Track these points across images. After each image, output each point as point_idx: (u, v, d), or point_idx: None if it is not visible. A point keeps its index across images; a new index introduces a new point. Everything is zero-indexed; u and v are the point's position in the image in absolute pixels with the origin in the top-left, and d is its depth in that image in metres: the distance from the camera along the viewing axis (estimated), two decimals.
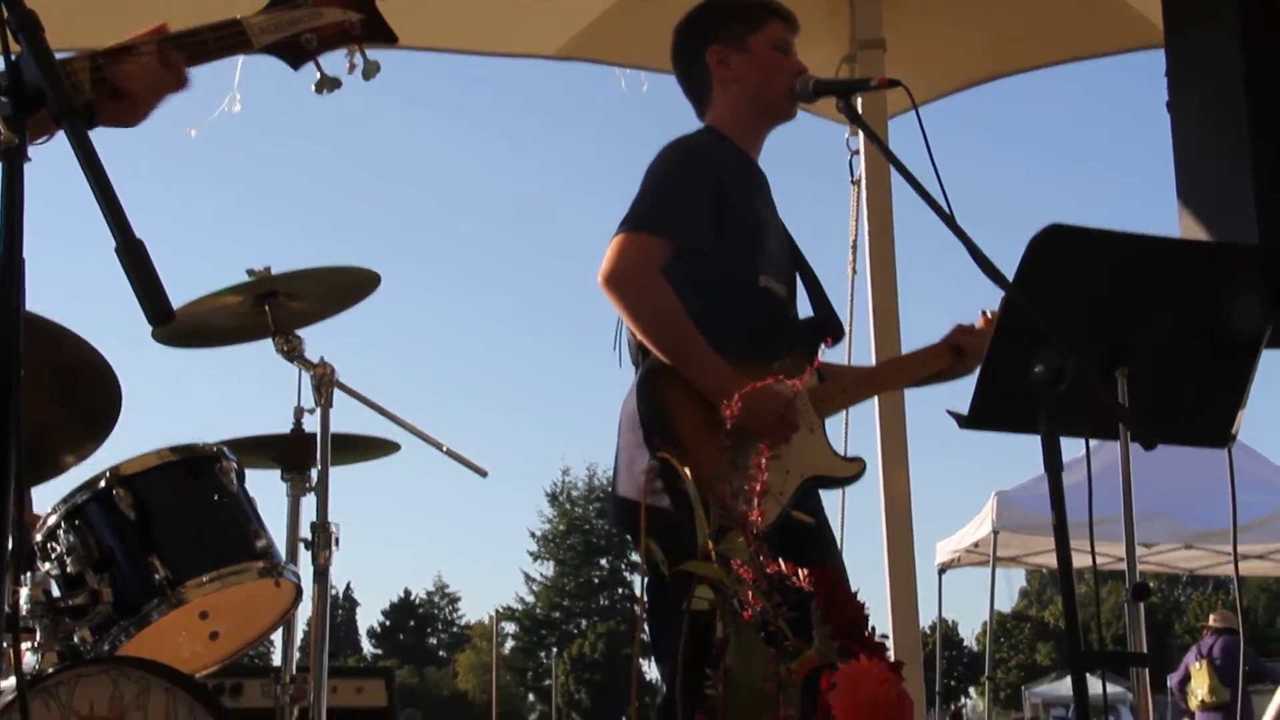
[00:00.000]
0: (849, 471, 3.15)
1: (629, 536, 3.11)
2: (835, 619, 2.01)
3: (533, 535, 55.44)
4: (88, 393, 2.85)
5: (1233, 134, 3.38)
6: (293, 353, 3.23)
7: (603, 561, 55.48)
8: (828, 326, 3.21)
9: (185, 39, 1.82)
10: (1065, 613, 2.33)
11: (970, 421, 2.77)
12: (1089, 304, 2.77)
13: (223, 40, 1.83)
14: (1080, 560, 2.53)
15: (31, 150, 1.60)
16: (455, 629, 61.88)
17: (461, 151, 75.08)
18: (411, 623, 61.31)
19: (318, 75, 1.92)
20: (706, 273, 3.03)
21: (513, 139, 77.08)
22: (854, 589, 2.15)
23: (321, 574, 3.24)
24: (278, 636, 3.45)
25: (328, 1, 1.88)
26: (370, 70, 1.95)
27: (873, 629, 1.98)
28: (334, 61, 1.96)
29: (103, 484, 2.97)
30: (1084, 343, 2.60)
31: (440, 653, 60.79)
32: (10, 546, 1.49)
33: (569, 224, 75.99)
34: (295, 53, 1.87)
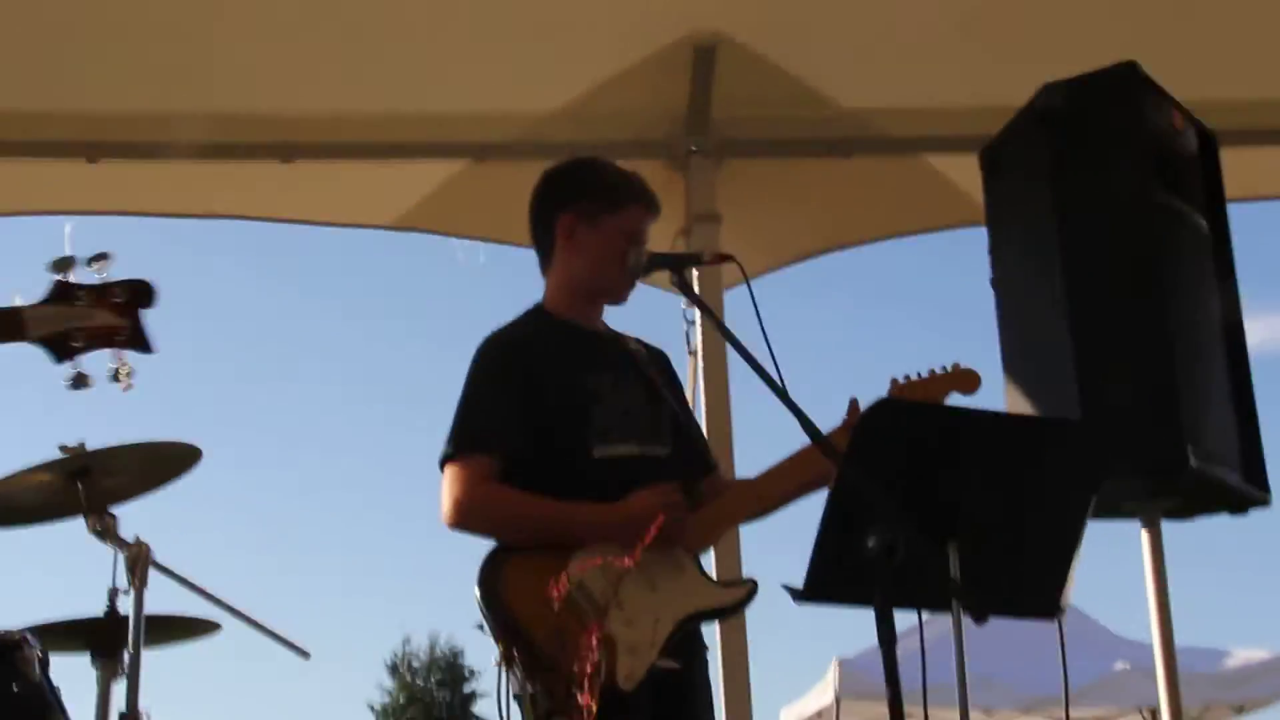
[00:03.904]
0: (731, 599, 3.05)
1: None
2: None
3: (371, 709, 54.01)
4: None
5: (1053, 310, 3.49)
6: (106, 532, 3.10)
7: None
8: (691, 466, 3.20)
9: None
10: None
11: (805, 595, 2.75)
12: (920, 476, 2.78)
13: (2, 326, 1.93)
14: None
15: None
16: None
17: (290, 321, 74.39)
18: None
19: (74, 372, 1.99)
20: (539, 465, 3.01)
21: (344, 308, 76.79)
22: None
23: None
24: None
25: (99, 305, 1.96)
26: (124, 376, 2.02)
27: None
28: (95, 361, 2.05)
29: None
30: (915, 515, 2.60)
31: None
32: None
33: (402, 392, 75.49)
34: (62, 348, 1.96)
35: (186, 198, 5.14)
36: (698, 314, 4.76)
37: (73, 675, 3.15)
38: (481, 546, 2.93)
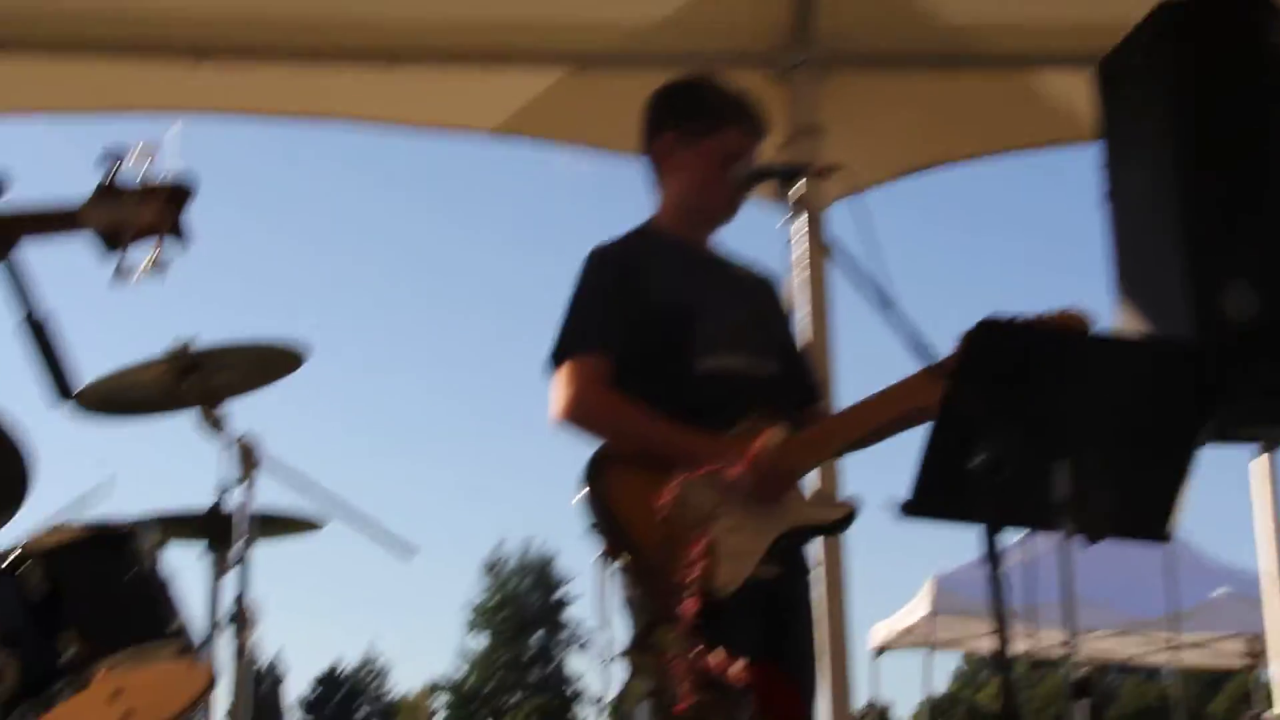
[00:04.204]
0: (832, 517, 3.04)
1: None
2: (772, 718, 1.96)
3: (467, 608, 54.95)
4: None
5: (1168, 227, 3.41)
6: (216, 427, 3.16)
7: (535, 638, 55.00)
8: (796, 390, 3.19)
9: (24, 218, 1.98)
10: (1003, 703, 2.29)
11: (910, 510, 2.74)
12: (1029, 396, 2.75)
13: (59, 220, 2.03)
14: (1020, 648, 2.51)
15: None
16: (384, 702, 60.95)
17: (394, 225, 75.12)
18: (339, 695, 60.35)
19: (120, 263, 2.09)
20: (643, 374, 3.01)
21: (447, 214, 77.27)
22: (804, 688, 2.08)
23: (242, 653, 3.15)
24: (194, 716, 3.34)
25: (146, 200, 2.07)
26: (161, 267, 2.12)
27: None
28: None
29: (12, 560, 2.87)
30: (1023, 434, 2.57)
31: None
32: None
33: (502, 298, 76.08)
34: (114, 239, 2.07)
35: (291, 99, 5.16)
36: (796, 228, 4.72)
37: (185, 567, 3.23)
38: (579, 454, 2.94)
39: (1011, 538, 2.85)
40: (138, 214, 2.05)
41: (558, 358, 3.03)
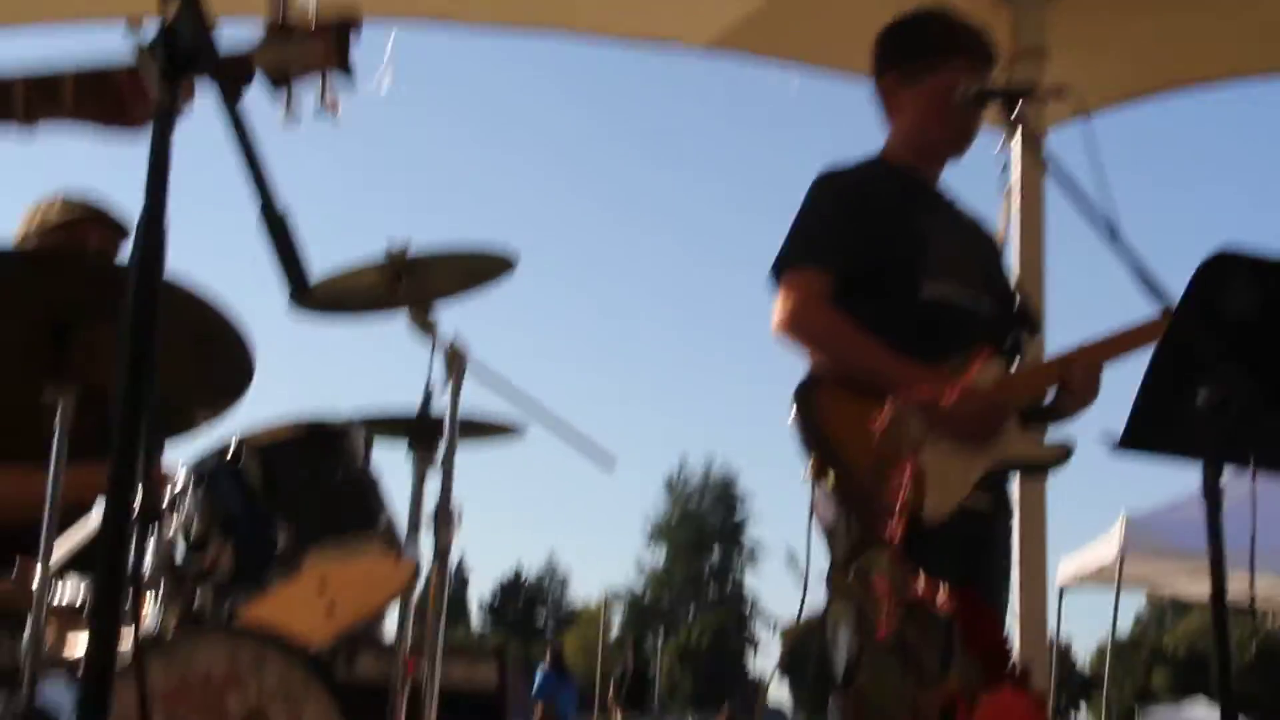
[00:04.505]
0: (1047, 456, 3.00)
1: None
2: (975, 647, 1.93)
3: (646, 522, 55.68)
4: (222, 358, 2.85)
5: None
6: (426, 330, 3.21)
7: (713, 555, 55.45)
8: (1019, 320, 3.17)
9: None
10: (1218, 654, 2.22)
11: (1125, 443, 2.65)
12: (1258, 332, 2.63)
13: (235, 65, 1.98)
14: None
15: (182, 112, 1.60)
16: (563, 610, 62.29)
17: (596, 144, 75.52)
18: (521, 601, 61.84)
19: (288, 102, 2.05)
20: (868, 295, 3.00)
21: (652, 131, 77.35)
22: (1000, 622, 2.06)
23: (443, 555, 3.21)
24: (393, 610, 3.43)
25: (314, 35, 2.02)
26: (333, 105, 2.07)
27: (1014, 664, 1.90)
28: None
29: (232, 451, 2.97)
30: (1250, 371, 2.47)
31: (546, 634, 61.27)
32: (139, 502, 1.49)
33: (699, 221, 76.06)
34: (280, 75, 2.03)
35: (506, 7, 5.17)
36: (1014, 152, 4.59)
37: (391, 465, 3.30)
38: (771, 373, 2.92)
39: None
40: (304, 51, 2.02)
41: (780, 268, 3.04)
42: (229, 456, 2.97)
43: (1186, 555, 9.21)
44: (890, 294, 3.02)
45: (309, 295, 3.04)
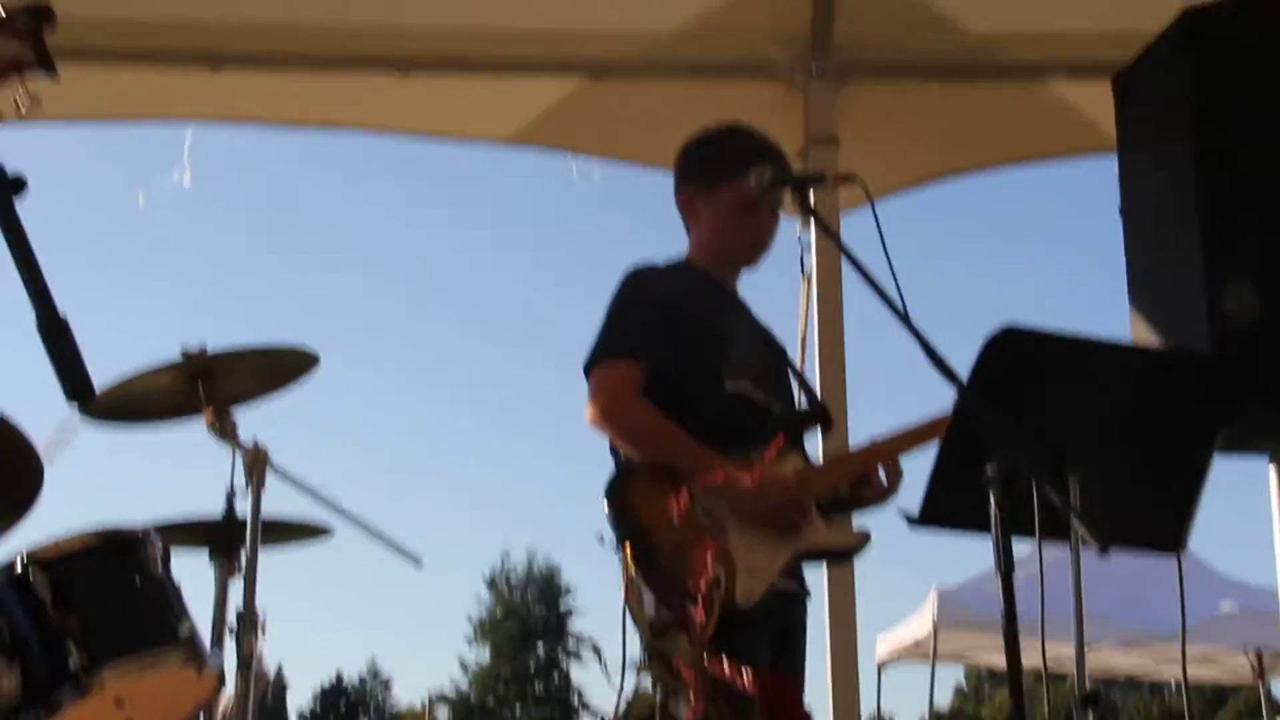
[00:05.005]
0: (848, 544, 3.12)
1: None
2: None
3: (469, 620, 54.96)
4: (6, 471, 2.74)
5: (1184, 241, 3.38)
6: (225, 434, 3.15)
7: (539, 649, 54.97)
8: (811, 416, 3.32)
9: None
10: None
11: (921, 519, 2.73)
12: (1041, 405, 2.74)
13: None
14: (1026, 661, 2.49)
15: None
16: (387, 714, 60.90)
17: (403, 233, 75.37)
18: (343, 707, 60.30)
19: None
20: (674, 388, 3.08)
21: (455, 223, 77.59)
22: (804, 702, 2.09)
23: (246, 662, 3.13)
24: None
25: (4, 34, 1.90)
26: (29, 105, 1.97)
27: None
28: None
29: (18, 566, 2.84)
30: (1035, 444, 2.56)
31: None
32: None
33: (510, 305, 76.24)
34: None
35: (306, 108, 5.15)
36: (812, 237, 4.71)
37: (191, 573, 3.21)
38: (581, 467, 2.95)
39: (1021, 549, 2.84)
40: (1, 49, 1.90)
41: (593, 361, 3.11)
42: (15, 573, 2.85)
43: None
44: (695, 388, 3.12)
45: (92, 402, 2.95)
